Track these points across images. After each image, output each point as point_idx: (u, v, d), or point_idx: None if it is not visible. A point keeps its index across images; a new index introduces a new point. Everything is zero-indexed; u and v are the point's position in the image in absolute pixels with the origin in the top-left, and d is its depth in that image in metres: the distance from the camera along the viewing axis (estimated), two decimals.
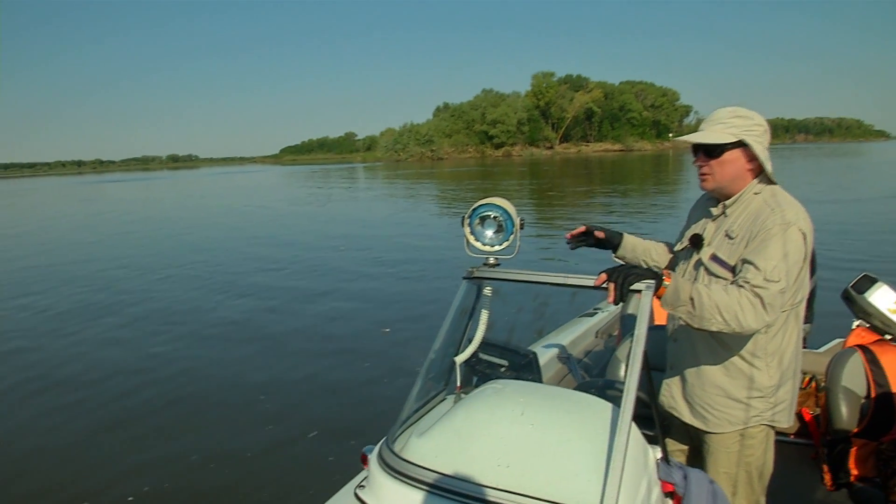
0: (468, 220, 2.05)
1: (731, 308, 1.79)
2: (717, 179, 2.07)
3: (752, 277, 1.85)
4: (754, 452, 2.15)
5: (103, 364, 7.17)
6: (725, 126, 2.03)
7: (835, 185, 27.48)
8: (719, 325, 1.81)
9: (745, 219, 2.03)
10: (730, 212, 2.10)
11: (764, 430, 2.15)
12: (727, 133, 2.01)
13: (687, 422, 2.24)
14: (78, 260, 15.28)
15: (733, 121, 2.03)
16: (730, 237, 2.05)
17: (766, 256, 1.87)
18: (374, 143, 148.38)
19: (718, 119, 2.06)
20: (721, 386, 2.12)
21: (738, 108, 2.06)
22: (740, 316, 1.80)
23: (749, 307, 1.80)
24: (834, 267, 8.18)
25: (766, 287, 1.82)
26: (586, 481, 1.56)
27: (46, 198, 50.16)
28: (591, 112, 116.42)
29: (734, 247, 2.02)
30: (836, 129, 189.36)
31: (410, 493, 1.67)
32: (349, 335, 7.83)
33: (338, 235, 17.41)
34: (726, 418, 2.13)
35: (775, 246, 1.88)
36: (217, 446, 4.96)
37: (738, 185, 2.07)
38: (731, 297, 1.81)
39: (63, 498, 4.34)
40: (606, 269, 1.77)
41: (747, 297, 1.81)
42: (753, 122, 2.03)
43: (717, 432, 2.16)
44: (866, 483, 2.64)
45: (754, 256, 1.89)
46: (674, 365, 2.29)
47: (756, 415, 2.10)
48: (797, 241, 1.90)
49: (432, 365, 2.14)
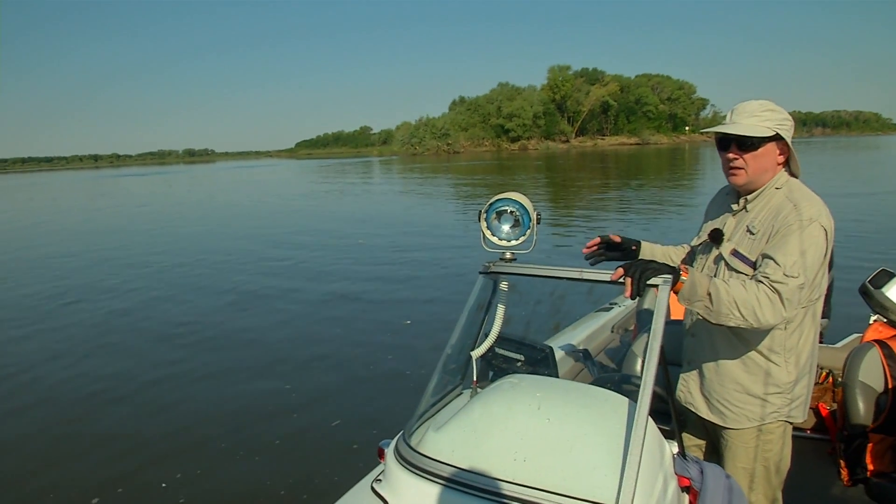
0: (485, 214, 2.06)
1: (748, 303, 1.79)
2: (750, 174, 2.06)
3: (771, 272, 1.85)
4: (772, 448, 2.15)
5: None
6: (760, 119, 2.02)
7: (853, 180, 27.19)
8: (737, 320, 1.80)
9: (767, 214, 2.03)
10: (751, 207, 2.10)
11: (781, 426, 2.14)
12: (763, 126, 2.01)
13: (704, 417, 2.24)
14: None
15: (766, 114, 2.02)
16: (751, 232, 2.04)
17: (785, 252, 1.87)
18: (390, 137, 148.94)
19: (751, 112, 2.04)
20: (739, 382, 2.12)
21: (766, 102, 2.06)
22: (758, 311, 1.79)
23: (767, 302, 1.80)
24: (851, 262, 8.11)
25: (785, 282, 1.82)
26: (603, 476, 1.56)
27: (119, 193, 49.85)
28: (607, 105, 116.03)
29: (755, 242, 2.02)
30: (854, 123, 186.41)
31: (427, 488, 1.68)
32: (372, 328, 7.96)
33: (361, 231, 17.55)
34: (744, 414, 2.13)
35: (795, 242, 1.88)
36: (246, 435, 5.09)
37: (764, 179, 2.07)
38: (749, 292, 1.81)
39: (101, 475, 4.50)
40: (623, 264, 1.77)
41: (765, 293, 1.81)
42: (783, 115, 2.03)
43: (735, 428, 2.16)
44: (883, 478, 2.63)
45: (774, 252, 1.89)
46: (691, 360, 2.28)
47: (774, 411, 2.10)
48: (818, 237, 1.90)
49: (449, 359, 2.15)
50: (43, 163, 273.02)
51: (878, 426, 2.66)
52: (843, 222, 13.13)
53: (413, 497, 1.71)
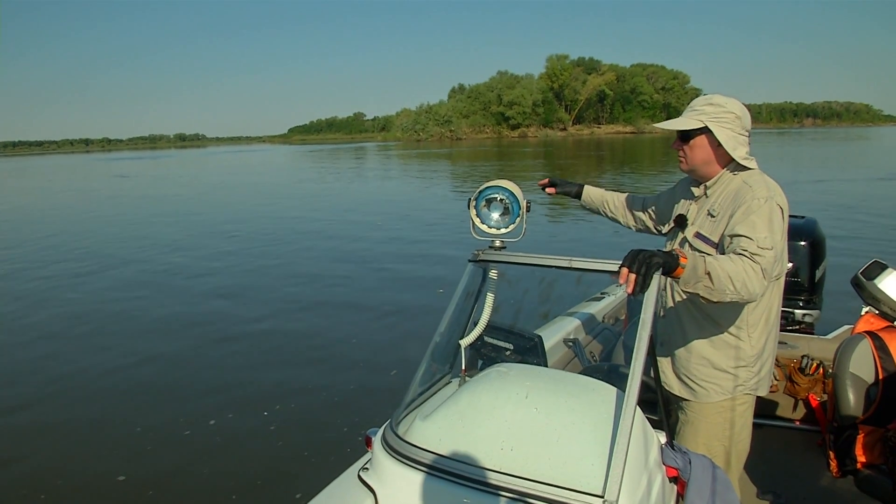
0: (474, 202, 2.04)
1: (739, 276, 1.79)
2: (689, 163, 2.21)
3: (747, 246, 1.89)
4: (734, 426, 2.23)
5: None
6: (696, 113, 2.15)
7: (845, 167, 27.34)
8: (732, 294, 1.79)
9: (725, 197, 2.13)
10: (710, 192, 2.21)
11: (747, 402, 2.24)
12: (694, 120, 2.14)
13: (676, 394, 2.32)
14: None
15: (705, 108, 2.14)
16: (712, 215, 2.15)
17: (754, 227, 1.93)
18: (388, 124, 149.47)
19: (692, 106, 2.19)
20: (707, 357, 2.21)
21: (714, 96, 2.17)
22: (748, 283, 1.79)
23: (753, 274, 1.81)
24: (843, 253, 8.14)
25: (762, 254, 1.86)
26: (590, 465, 1.55)
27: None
28: (603, 94, 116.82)
29: (716, 224, 2.12)
30: (845, 114, 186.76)
31: (414, 476, 1.68)
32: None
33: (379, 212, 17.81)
34: (713, 388, 2.22)
35: (758, 218, 1.95)
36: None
37: (712, 168, 2.19)
38: (737, 265, 1.81)
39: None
40: (625, 261, 1.63)
41: (749, 265, 1.83)
42: (724, 109, 2.12)
43: (704, 402, 2.24)
44: (873, 470, 2.62)
45: (743, 229, 1.94)
46: (663, 341, 2.35)
47: (740, 384, 2.20)
48: (777, 213, 1.99)
49: (437, 348, 2.14)
50: (34, 146, 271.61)
51: (867, 418, 2.65)
52: (833, 213, 13.23)
53: (399, 485, 1.70)
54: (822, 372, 3.46)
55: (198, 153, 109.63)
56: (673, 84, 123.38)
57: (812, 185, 20.14)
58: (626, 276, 1.62)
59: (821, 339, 3.85)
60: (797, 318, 4.24)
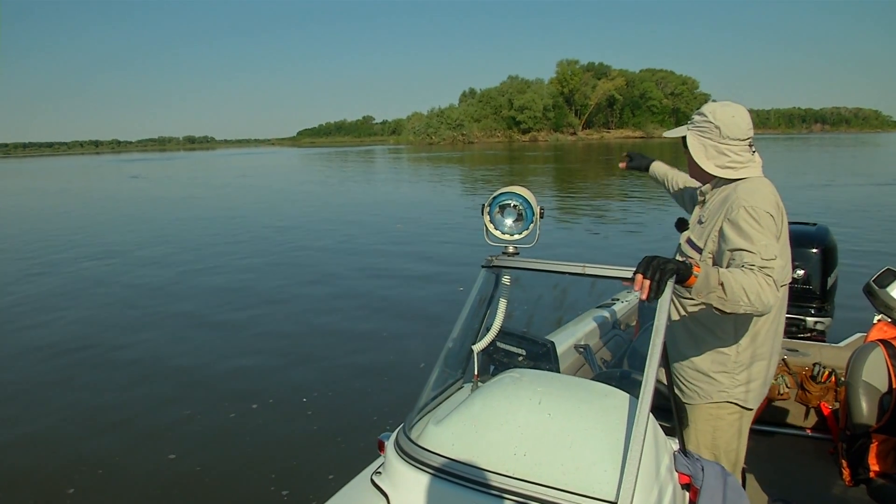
0: (488, 208, 2.04)
1: (753, 288, 1.78)
2: (689, 170, 2.33)
3: (751, 259, 1.87)
4: (722, 434, 2.23)
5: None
6: (689, 123, 2.25)
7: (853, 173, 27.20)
8: (746, 306, 1.79)
9: (715, 204, 2.16)
10: (708, 198, 2.25)
11: (734, 412, 2.22)
12: (683, 128, 2.25)
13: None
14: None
15: (694, 117, 2.23)
16: (700, 222, 2.22)
17: (750, 239, 1.92)
18: (399, 127, 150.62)
19: (693, 117, 2.27)
20: (692, 360, 2.25)
21: (708, 105, 2.21)
22: (762, 295, 1.79)
23: (766, 286, 1.80)
24: (855, 260, 8.09)
25: (769, 265, 1.85)
26: (603, 472, 1.55)
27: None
28: (612, 99, 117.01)
29: (703, 230, 2.16)
30: (854, 120, 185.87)
31: (426, 480, 1.68)
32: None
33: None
34: (696, 391, 2.25)
35: (750, 228, 1.94)
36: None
37: (706, 175, 2.22)
38: (750, 278, 1.81)
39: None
40: (639, 267, 1.66)
41: (763, 278, 1.82)
42: (705, 118, 2.17)
43: (691, 404, 2.27)
44: (886, 479, 2.61)
45: (740, 243, 1.93)
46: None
47: (722, 390, 2.20)
48: (767, 220, 1.97)
49: (450, 353, 2.14)
50: (44, 148, 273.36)
51: (881, 426, 2.64)
52: (846, 221, 13.15)
53: (412, 489, 1.70)
54: (834, 380, 3.45)
55: (208, 155, 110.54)
56: (682, 89, 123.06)
57: (820, 191, 20.01)
58: (640, 282, 1.64)
59: (833, 347, 3.83)
60: (809, 325, 4.21)
